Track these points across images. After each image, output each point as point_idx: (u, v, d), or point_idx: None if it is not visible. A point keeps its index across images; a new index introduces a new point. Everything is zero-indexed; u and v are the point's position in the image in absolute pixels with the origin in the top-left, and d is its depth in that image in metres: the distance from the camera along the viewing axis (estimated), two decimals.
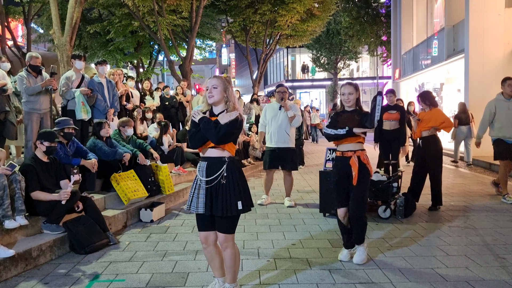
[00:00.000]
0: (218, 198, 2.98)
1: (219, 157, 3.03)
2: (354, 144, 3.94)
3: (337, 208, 4.07)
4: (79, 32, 16.32)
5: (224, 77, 3.11)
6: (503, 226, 5.07)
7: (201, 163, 3.10)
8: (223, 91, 3.04)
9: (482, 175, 9.27)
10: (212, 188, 3.00)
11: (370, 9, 24.83)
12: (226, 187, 2.98)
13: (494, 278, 3.55)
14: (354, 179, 3.86)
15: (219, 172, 2.99)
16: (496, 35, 11.42)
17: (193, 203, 3.06)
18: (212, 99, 3.04)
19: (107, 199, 5.45)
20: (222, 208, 2.96)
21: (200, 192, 3.04)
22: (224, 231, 3.05)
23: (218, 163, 3.02)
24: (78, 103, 6.18)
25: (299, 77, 39.97)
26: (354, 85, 4.00)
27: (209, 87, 3.05)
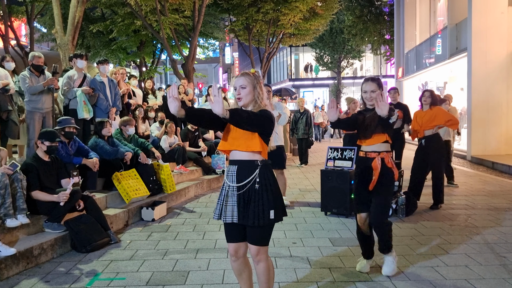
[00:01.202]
0: (250, 205, 2.66)
1: (251, 160, 2.69)
2: (380, 144, 3.60)
3: (356, 213, 3.70)
4: (81, 31, 16.36)
5: (253, 73, 2.77)
6: (505, 225, 5.06)
7: (230, 167, 2.77)
8: (252, 90, 2.71)
9: (485, 174, 9.23)
10: (244, 194, 2.67)
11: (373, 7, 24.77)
12: (258, 194, 2.65)
13: (494, 276, 3.54)
14: (372, 184, 3.53)
15: (252, 176, 2.66)
16: (499, 34, 11.37)
17: (222, 212, 2.74)
18: (241, 102, 2.71)
19: (108, 198, 5.48)
20: (253, 217, 2.63)
21: (229, 199, 2.73)
22: (256, 242, 2.71)
23: (250, 166, 2.69)
24: (80, 102, 6.21)
25: (303, 76, 39.90)
26: (376, 81, 3.60)
27: (237, 87, 2.72)
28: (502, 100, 11.40)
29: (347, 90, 36.63)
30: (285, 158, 6.24)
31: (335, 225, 5.23)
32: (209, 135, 8.83)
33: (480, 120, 11.61)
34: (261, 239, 2.71)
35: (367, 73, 39.47)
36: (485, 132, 11.50)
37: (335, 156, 5.95)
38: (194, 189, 7.15)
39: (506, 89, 11.38)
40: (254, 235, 2.70)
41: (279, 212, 2.71)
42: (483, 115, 11.55)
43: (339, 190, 5.61)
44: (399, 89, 19.89)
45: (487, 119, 11.50)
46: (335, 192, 5.64)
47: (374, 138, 3.58)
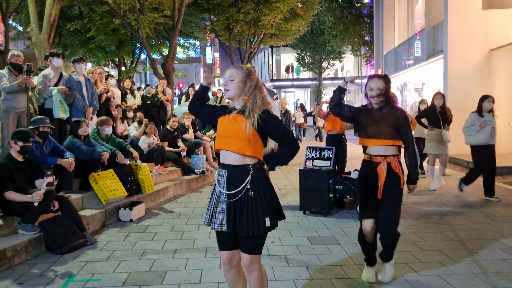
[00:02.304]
0: (243, 214, 2.49)
1: (243, 165, 2.52)
2: (386, 147, 3.28)
3: (362, 219, 3.39)
4: (58, 29, 16.07)
5: (247, 68, 2.61)
6: (477, 222, 5.19)
7: (221, 171, 2.58)
8: (241, 84, 2.55)
9: (460, 173, 9.44)
10: (236, 202, 2.51)
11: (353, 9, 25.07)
12: (252, 202, 2.49)
13: (466, 272, 3.63)
14: (379, 192, 3.29)
15: (244, 184, 2.49)
16: (474, 36, 11.65)
17: (212, 218, 2.59)
18: (227, 94, 2.59)
19: (85, 198, 5.40)
20: (247, 227, 2.46)
21: (219, 206, 2.56)
22: (249, 251, 2.53)
23: (242, 172, 2.51)
24: (56, 101, 6.10)
25: (284, 76, 40.08)
26: (383, 78, 3.34)
27: (226, 78, 2.61)
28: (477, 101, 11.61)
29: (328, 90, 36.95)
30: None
31: (313, 224, 5.27)
32: (189, 135, 8.79)
33: (455, 121, 11.81)
34: (254, 249, 2.54)
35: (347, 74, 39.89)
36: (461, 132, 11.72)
37: (314, 155, 6.01)
38: (173, 189, 7.11)
39: (480, 90, 11.62)
40: (247, 244, 2.53)
41: (274, 218, 2.56)
42: (459, 116, 11.75)
43: (317, 189, 5.66)
44: None
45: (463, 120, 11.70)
46: (314, 191, 5.69)
47: (381, 140, 3.28)
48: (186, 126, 8.78)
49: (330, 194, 5.71)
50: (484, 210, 5.77)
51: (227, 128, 2.55)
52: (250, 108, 2.51)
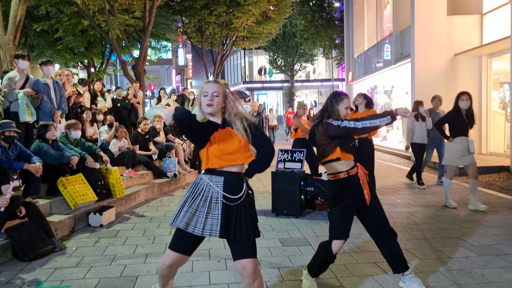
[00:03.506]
0: (241, 219, 2.54)
1: (240, 172, 2.64)
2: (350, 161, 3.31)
3: (340, 239, 3.25)
4: (24, 30, 15.62)
5: (224, 84, 2.69)
6: (442, 221, 5.39)
7: (214, 177, 2.59)
8: (223, 100, 2.62)
9: (427, 173, 9.73)
10: (235, 207, 2.57)
11: (324, 13, 25.48)
12: (247, 206, 2.59)
13: (431, 270, 3.77)
14: (367, 198, 3.25)
15: (243, 190, 2.60)
16: (439, 41, 12.05)
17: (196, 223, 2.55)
18: (211, 109, 2.58)
19: (53, 204, 5.28)
20: (247, 230, 2.53)
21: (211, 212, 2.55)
22: (253, 255, 2.56)
23: (238, 179, 2.62)
24: (22, 104, 5.94)
25: (257, 78, 40.25)
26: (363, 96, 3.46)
27: (209, 93, 2.58)
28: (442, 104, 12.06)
29: (300, 93, 37.35)
30: None
31: (285, 225, 5.33)
32: (160, 138, 8.72)
33: None
34: (255, 252, 2.58)
35: (319, 76, 40.48)
36: None
37: (285, 158, 6.08)
38: (144, 193, 7.04)
39: (445, 93, 11.99)
40: (249, 248, 2.55)
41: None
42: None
43: (289, 191, 5.73)
44: (350, 92, 20.60)
45: None
46: (286, 193, 5.76)
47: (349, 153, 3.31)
48: (157, 129, 8.71)
49: (301, 196, 5.79)
50: (448, 210, 5.98)
51: (228, 144, 2.57)
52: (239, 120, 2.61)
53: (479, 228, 5.06)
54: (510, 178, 8.50)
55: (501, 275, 3.62)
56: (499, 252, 4.20)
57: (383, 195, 6.96)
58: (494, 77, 11.93)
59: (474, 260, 3.98)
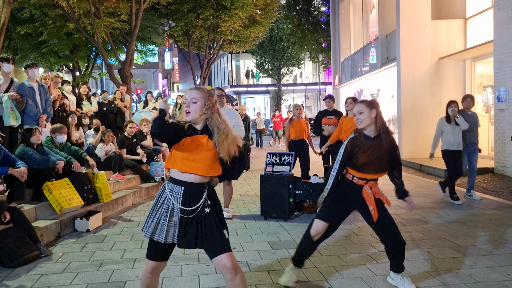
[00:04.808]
0: (202, 230, 2.54)
1: (201, 183, 2.59)
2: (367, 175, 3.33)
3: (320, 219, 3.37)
4: (8, 33, 15.38)
5: (208, 90, 2.62)
6: (429, 222, 5.44)
7: (175, 186, 2.58)
8: (203, 107, 2.56)
9: (413, 175, 9.85)
10: (192, 219, 2.55)
11: (311, 17, 25.67)
12: (210, 217, 2.57)
13: (419, 270, 3.81)
14: (374, 215, 3.30)
15: (201, 201, 2.56)
16: (424, 45, 12.22)
17: (159, 231, 2.55)
18: (189, 116, 2.56)
19: (38, 209, 5.19)
20: (210, 243, 2.54)
21: (173, 219, 2.56)
22: (227, 249, 2.56)
23: (198, 190, 2.57)
24: (6, 108, 5.84)
25: (244, 82, 40.28)
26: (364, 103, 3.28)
27: (188, 100, 2.57)
28: (428, 107, 12.24)
29: (287, 96, 37.49)
30: None
31: (274, 229, 5.33)
32: (147, 142, 8.66)
33: (408, 126, 12.39)
34: (228, 245, 2.59)
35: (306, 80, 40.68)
36: (414, 136, 12.28)
37: (274, 161, 6.08)
38: (131, 197, 6.97)
39: (431, 97, 12.24)
40: (220, 244, 2.54)
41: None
42: (411, 121, 12.33)
43: (278, 194, 5.73)
44: (336, 96, 20.76)
45: (415, 125, 12.30)
46: (274, 196, 5.76)
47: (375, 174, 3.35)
48: (144, 132, 8.64)
49: (290, 199, 5.79)
50: (436, 211, 6.05)
51: (194, 151, 2.54)
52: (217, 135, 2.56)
53: (465, 229, 5.12)
54: (494, 180, 8.63)
55: (488, 275, 3.67)
56: (485, 252, 4.26)
57: None
58: (477, 80, 12.14)
59: (461, 261, 4.03)
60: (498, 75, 9.35)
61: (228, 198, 5.94)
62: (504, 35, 9.08)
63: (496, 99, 9.36)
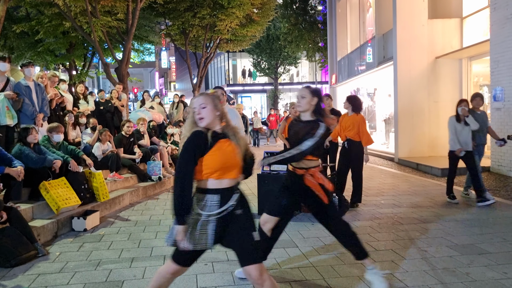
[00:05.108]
0: (239, 224, 2.56)
1: (235, 186, 2.64)
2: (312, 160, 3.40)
3: (265, 212, 3.60)
4: (4, 31, 15.31)
5: (212, 93, 2.72)
6: (426, 221, 5.46)
7: (211, 196, 2.55)
8: (213, 109, 2.60)
9: (410, 174, 9.87)
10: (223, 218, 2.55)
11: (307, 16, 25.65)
12: (240, 217, 2.58)
13: (416, 269, 3.82)
14: (324, 198, 3.37)
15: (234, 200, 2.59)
16: (421, 44, 12.25)
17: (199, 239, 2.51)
18: (203, 122, 2.58)
19: (35, 208, 5.17)
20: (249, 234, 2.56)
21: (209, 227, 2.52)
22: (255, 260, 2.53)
23: (231, 193, 2.60)
24: (3, 107, 5.81)
25: (240, 81, 40.26)
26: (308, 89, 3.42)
27: (197, 107, 2.60)
28: (424, 106, 12.28)
29: (284, 95, 37.50)
30: None
31: None
32: (144, 141, 8.64)
33: (405, 125, 12.43)
34: (258, 256, 2.58)
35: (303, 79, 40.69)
36: (410, 135, 12.32)
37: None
38: (129, 196, 6.96)
39: (427, 96, 12.28)
40: (250, 254, 2.52)
41: None
42: (408, 120, 12.37)
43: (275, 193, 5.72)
44: (333, 95, 20.76)
45: (412, 124, 12.34)
46: (271, 195, 5.73)
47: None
48: (141, 132, 8.63)
49: None
50: (432, 210, 6.07)
51: (227, 156, 2.56)
52: (232, 133, 2.64)
53: (462, 227, 5.14)
54: (490, 178, 8.67)
55: (485, 274, 3.69)
56: (482, 251, 4.28)
57: (367, 196, 7.03)
58: (474, 79, 12.18)
59: (458, 259, 4.05)
60: (494, 74, 9.39)
61: None
62: (500, 34, 9.12)
63: (492, 98, 9.40)
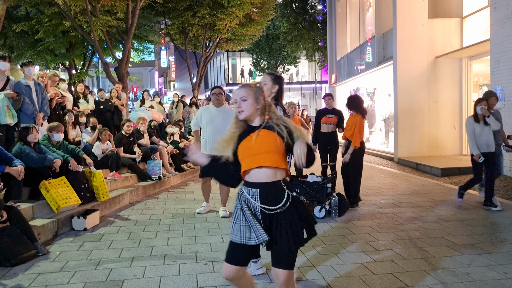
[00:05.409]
0: (281, 229, 2.44)
1: (275, 181, 2.48)
2: None
3: None
4: (4, 30, 15.30)
5: (254, 85, 2.61)
6: (426, 221, 5.47)
7: (250, 190, 2.50)
8: (255, 102, 2.53)
9: (409, 174, 9.88)
10: (272, 216, 2.47)
11: (307, 15, 25.67)
12: (290, 215, 2.46)
13: (416, 269, 3.82)
14: None
15: (284, 200, 2.46)
16: (421, 44, 12.25)
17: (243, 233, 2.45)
18: (243, 115, 2.53)
19: (35, 207, 5.17)
20: (288, 241, 2.41)
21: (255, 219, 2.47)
22: (287, 266, 2.45)
23: (276, 189, 2.48)
24: (3, 106, 5.81)
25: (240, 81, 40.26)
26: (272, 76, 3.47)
27: (237, 100, 2.54)
28: (424, 106, 12.28)
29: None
30: None
31: None
32: (144, 140, 8.63)
33: (405, 124, 12.43)
34: (292, 262, 2.47)
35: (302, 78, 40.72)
36: (410, 135, 12.33)
37: None
38: (129, 196, 6.95)
39: (427, 96, 12.28)
40: (285, 258, 2.44)
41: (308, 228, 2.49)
42: (408, 120, 12.38)
43: None
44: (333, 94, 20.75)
45: (411, 124, 12.34)
46: None
47: None
48: (141, 131, 8.62)
49: None
50: (432, 210, 6.07)
51: (255, 146, 2.48)
52: (276, 123, 2.52)
53: (462, 227, 5.15)
54: None
55: (485, 274, 3.69)
56: (482, 251, 4.28)
57: (367, 196, 7.03)
58: (474, 79, 12.18)
59: (459, 259, 4.05)
60: (494, 74, 9.39)
61: (225, 196, 6.00)
62: (500, 34, 9.12)
63: None
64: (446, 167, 9.78)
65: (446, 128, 12.26)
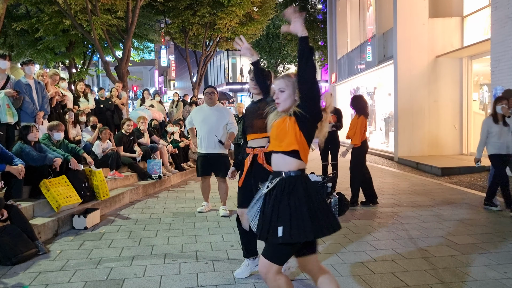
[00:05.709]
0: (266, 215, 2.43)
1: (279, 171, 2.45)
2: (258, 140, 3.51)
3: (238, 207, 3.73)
4: (4, 29, 15.29)
5: (295, 75, 2.49)
6: (426, 220, 5.47)
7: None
8: (293, 94, 2.45)
9: (410, 173, 9.88)
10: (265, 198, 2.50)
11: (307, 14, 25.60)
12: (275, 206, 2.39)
13: (417, 268, 3.82)
14: (240, 180, 3.59)
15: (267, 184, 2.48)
16: (421, 43, 12.24)
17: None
18: (280, 107, 2.46)
19: (36, 206, 5.17)
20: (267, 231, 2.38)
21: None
22: (266, 255, 2.39)
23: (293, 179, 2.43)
24: (3, 105, 5.81)
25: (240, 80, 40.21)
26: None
27: (276, 90, 2.47)
28: (424, 105, 12.28)
29: None
30: (228, 167, 5.58)
31: None
32: (144, 139, 8.63)
33: (405, 124, 12.43)
34: (273, 255, 2.36)
35: None
36: (410, 135, 12.33)
37: None
38: (129, 195, 6.95)
39: (427, 95, 12.28)
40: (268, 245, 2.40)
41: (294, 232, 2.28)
42: (408, 119, 12.38)
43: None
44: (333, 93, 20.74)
45: (412, 123, 12.34)
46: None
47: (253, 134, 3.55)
48: (141, 130, 8.62)
49: None
50: (432, 209, 6.07)
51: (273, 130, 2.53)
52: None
53: (462, 227, 5.15)
54: None
55: (485, 273, 3.69)
56: (482, 250, 4.28)
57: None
58: (474, 78, 12.18)
59: (459, 259, 4.05)
60: (494, 74, 9.38)
61: (224, 195, 6.02)
62: (501, 34, 9.11)
63: (493, 97, 9.39)
64: (446, 166, 9.78)
65: (447, 128, 12.26)
